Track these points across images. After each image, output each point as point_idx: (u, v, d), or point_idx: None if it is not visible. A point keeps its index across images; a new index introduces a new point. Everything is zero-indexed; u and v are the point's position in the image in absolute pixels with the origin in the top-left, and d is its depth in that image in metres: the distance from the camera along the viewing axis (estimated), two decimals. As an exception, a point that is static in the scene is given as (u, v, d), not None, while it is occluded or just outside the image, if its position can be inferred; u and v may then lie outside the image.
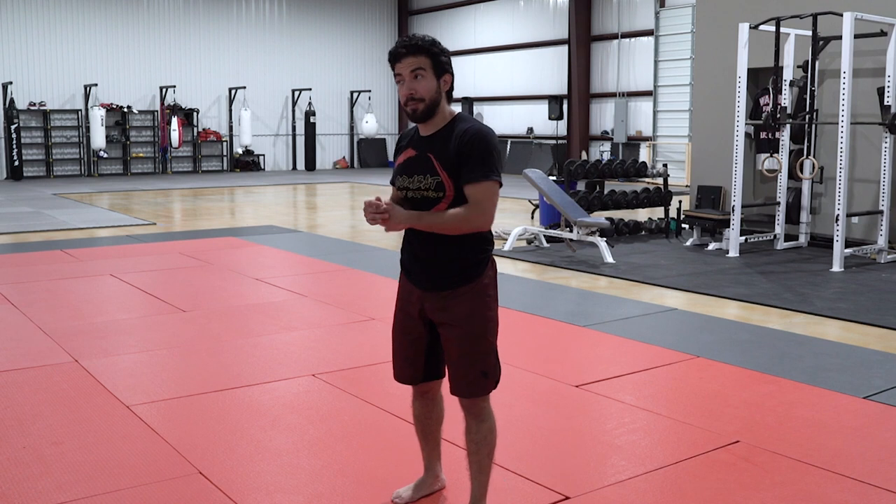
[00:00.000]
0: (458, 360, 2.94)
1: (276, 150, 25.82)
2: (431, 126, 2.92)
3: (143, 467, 3.59)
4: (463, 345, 2.92)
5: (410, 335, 3.05)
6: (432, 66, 2.85)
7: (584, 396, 4.59)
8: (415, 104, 2.84)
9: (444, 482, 3.40)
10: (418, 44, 2.83)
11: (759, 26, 9.20)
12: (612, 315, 6.56)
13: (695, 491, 3.40)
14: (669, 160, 18.72)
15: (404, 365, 3.10)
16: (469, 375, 2.93)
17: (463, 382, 2.95)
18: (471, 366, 2.93)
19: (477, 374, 2.93)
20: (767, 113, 9.37)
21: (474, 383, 2.95)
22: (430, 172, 2.88)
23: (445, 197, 2.87)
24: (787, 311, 6.73)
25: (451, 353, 2.95)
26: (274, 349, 5.51)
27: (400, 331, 3.09)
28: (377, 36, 27.35)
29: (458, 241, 2.88)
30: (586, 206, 10.53)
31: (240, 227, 12.29)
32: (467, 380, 2.94)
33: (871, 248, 9.00)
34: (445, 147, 2.87)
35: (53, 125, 21.92)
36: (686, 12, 18.44)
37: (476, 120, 2.95)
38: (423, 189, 2.89)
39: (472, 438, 3.01)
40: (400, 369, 3.13)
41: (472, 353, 2.92)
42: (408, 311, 3.03)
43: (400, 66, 2.84)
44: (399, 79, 2.85)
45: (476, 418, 2.99)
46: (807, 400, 4.54)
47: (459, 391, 2.97)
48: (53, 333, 5.84)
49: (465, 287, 2.90)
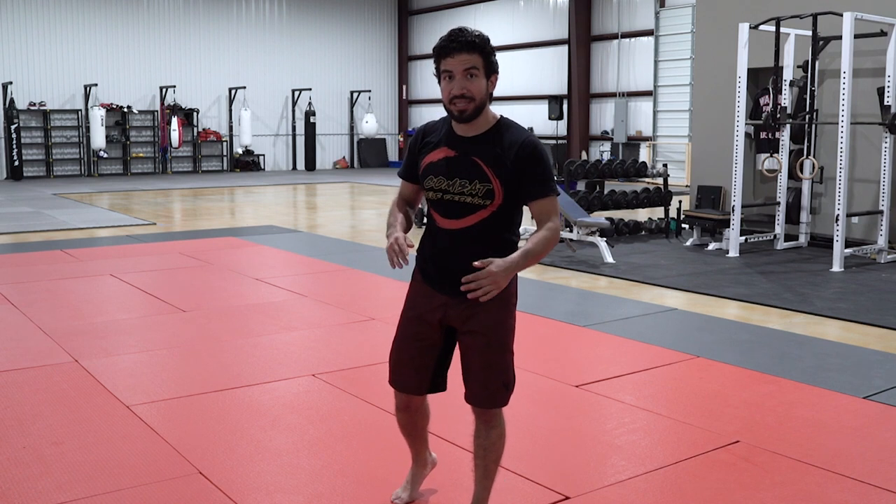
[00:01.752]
0: (480, 371, 2.83)
1: (276, 150, 25.82)
2: (474, 127, 2.78)
3: (143, 467, 3.59)
4: (487, 355, 2.82)
5: (424, 342, 2.91)
6: (484, 66, 2.71)
7: (584, 396, 4.59)
8: (465, 104, 2.70)
9: (435, 458, 3.36)
10: (474, 41, 2.66)
11: (759, 26, 9.20)
12: (612, 315, 6.56)
13: (695, 491, 3.40)
14: (669, 160, 18.72)
15: (411, 374, 2.95)
16: (491, 387, 2.84)
17: (484, 393, 2.85)
18: (494, 377, 2.83)
19: (499, 386, 2.84)
20: (767, 113, 9.37)
21: (495, 394, 2.85)
22: (479, 178, 2.74)
23: (492, 205, 2.75)
24: (787, 311, 6.73)
25: (474, 362, 2.84)
26: (274, 349, 5.51)
27: (412, 337, 2.92)
28: (377, 36, 27.36)
29: (493, 248, 2.77)
30: (586, 206, 10.53)
31: (240, 227, 12.29)
32: (489, 391, 2.85)
33: (871, 248, 9.00)
34: (496, 153, 2.73)
35: (53, 125, 21.92)
36: (686, 12, 18.44)
37: (521, 126, 2.85)
38: (466, 194, 2.75)
39: (480, 444, 2.93)
40: (405, 377, 2.97)
41: (496, 364, 2.83)
42: (425, 318, 2.88)
43: (452, 61, 2.67)
44: (447, 75, 2.70)
45: (487, 425, 2.91)
46: (807, 400, 4.54)
47: (479, 402, 2.87)
48: (53, 333, 5.84)
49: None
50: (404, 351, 2.95)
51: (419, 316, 2.90)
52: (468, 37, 2.66)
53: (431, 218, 2.88)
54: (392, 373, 3.02)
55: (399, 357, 2.97)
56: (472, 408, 2.92)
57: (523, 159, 2.73)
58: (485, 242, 2.77)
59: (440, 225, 2.83)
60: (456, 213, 2.78)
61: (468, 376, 2.87)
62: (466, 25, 2.78)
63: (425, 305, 2.89)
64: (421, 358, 2.93)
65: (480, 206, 2.75)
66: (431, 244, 2.88)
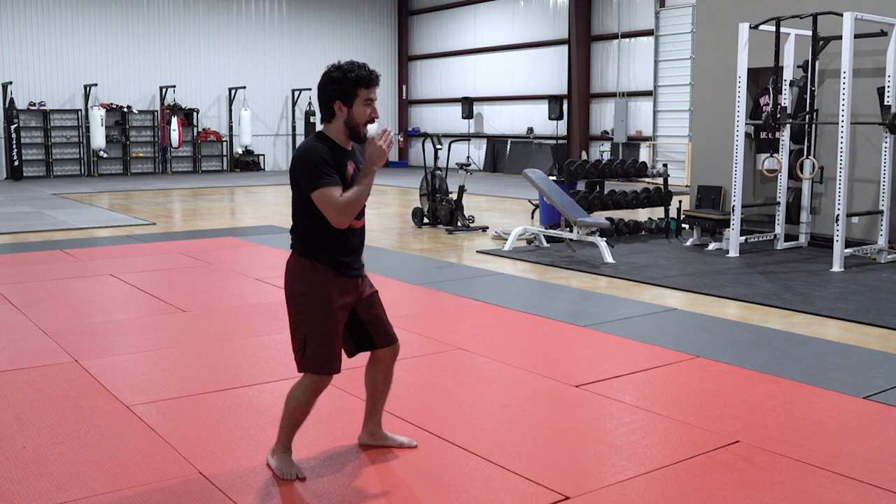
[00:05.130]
0: (385, 317, 3.64)
1: (276, 150, 25.83)
2: (349, 143, 3.42)
3: (143, 467, 3.59)
4: (381, 306, 3.65)
5: (342, 325, 3.49)
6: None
7: (584, 396, 4.59)
8: (369, 125, 3.36)
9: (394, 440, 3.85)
10: (380, 77, 3.37)
11: (759, 26, 9.20)
12: (612, 315, 6.56)
13: (695, 491, 3.40)
14: (669, 160, 18.72)
15: (339, 357, 3.48)
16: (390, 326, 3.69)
17: (392, 331, 3.67)
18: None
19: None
20: (767, 113, 9.37)
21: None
22: None
23: None
24: (787, 311, 6.73)
25: (382, 312, 3.63)
26: (274, 349, 5.51)
27: (340, 324, 3.45)
28: (377, 36, 27.36)
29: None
30: (586, 206, 10.53)
31: (240, 227, 12.29)
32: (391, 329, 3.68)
33: (871, 248, 9.00)
34: (358, 158, 3.45)
35: (53, 125, 21.93)
36: (686, 12, 18.45)
37: None
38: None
39: (389, 375, 3.76)
40: (338, 361, 3.48)
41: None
42: (347, 304, 3.46)
43: (374, 91, 3.34)
44: (370, 102, 3.33)
45: (396, 356, 3.72)
46: (807, 400, 4.54)
47: (394, 338, 3.66)
48: (53, 333, 5.84)
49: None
50: (338, 337, 3.45)
51: (344, 305, 3.44)
52: (379, 75, 3.37)
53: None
54: (328, 362, 3.44)
55: (337, 343, 3.45)
56: (381, 351, 3.61)
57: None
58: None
59: (354, 226, 3.43)
60: (362, 212, 3.45)
61: (381, 325, 3.59)
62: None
63: (344, 294, 3.43)
64: (343, 339, 3.53)
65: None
66: (347, 243, 3.43)
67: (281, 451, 3.54)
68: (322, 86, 3.33)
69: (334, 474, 3.56)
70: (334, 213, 3.24)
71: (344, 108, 3.30)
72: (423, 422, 4.12)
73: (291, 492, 3.39)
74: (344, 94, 3.28)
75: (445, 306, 6.89)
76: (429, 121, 27.30)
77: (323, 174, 3.23)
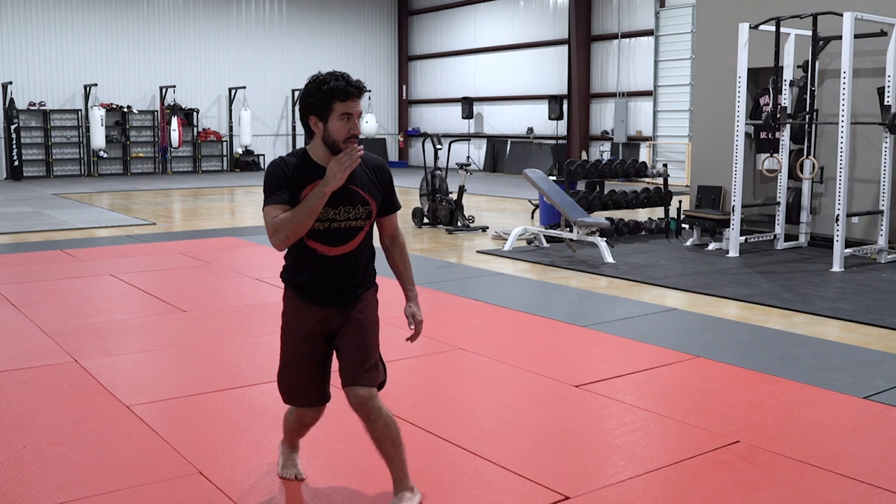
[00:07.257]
0: (356, 349, 3.17)
1: (276, 150, 25.81)
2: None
3: (143, 467, 3.59)
4: (363, 335, 3.20)
5: (313, 356, 3.21)
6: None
7: (584, 396, 4.59)
8: (354, 142, 2.99)
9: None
10: (363, 88, 3.02)
11: (759, 26, 9.20)
12: (612, 315, 6.56)
13: (695, 491, 3.40)
14: (669, 160, 18.72)
15: (311, 389, 3.25)
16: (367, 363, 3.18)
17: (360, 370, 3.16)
18: (368, 355, 3.20)
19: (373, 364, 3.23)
20: (767, 113, 9.37)
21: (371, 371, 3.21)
22: (360, 203, 3.06)
23: (368, 223, 3.12)
24: (787, 311, 6.73)
25: (351, 341, 3.17)
26: (274, 349, 5.46)
27: (303, 355, 3.20)
28: (377, 36, 27.36)
29: (369, 258, 3.18)
30: (586, 206, 10.53)
31: (240, 227, 12.29)
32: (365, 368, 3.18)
33: (871, 248, 8.99)
34: (366, 177, 3.08)
35: (53, 125, 21.92)
36: (686, 12, 18.44)
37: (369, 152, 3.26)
38: (352, 219, 3.05)
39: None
40: (308, 394, 3.25)
41: (370, 343, 3.23)
42: (313, 332, 3.17)
43: (353, 105, 2.97)
44: (346, 116, 2.96)
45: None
46: (807, 400, 4.54)
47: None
48: (53, 333, 5.84)
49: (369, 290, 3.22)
50: (300, 369, 3.21)
51: (308, 333, 3.16)
52: (361, 85, 3.01)
53: (306, 248, 3.07)
54: (291, 393, 3.27)
55: (295, 376, 3.23)
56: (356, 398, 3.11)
57: (384, 177, 3.16)
58: (366, 256, 3.16)
59: (324, 253, 3.06)
60: (341, 239, 3.05)
61: (346, 360, 3.12)
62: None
63: (309, 322, 3.15)
64: (316, 371, 3.21)
65: (361, 227, 3.09)
66: (312, 270, 3.10)
67: (287, 445, 3.54)
68: (299, 99, 3.03)
69: (334, 474, 3.56)
70: (269, 234, 2.96)
71: (319, 123, 2.97)
72: (423, 422, 4.12)
73: (291, 492, 3.39)
74: (318, 108, 2.95)
75: (445, 306, 6.89)
76: (429, 121, 27.29)
77: (271, 191, 2.99)
